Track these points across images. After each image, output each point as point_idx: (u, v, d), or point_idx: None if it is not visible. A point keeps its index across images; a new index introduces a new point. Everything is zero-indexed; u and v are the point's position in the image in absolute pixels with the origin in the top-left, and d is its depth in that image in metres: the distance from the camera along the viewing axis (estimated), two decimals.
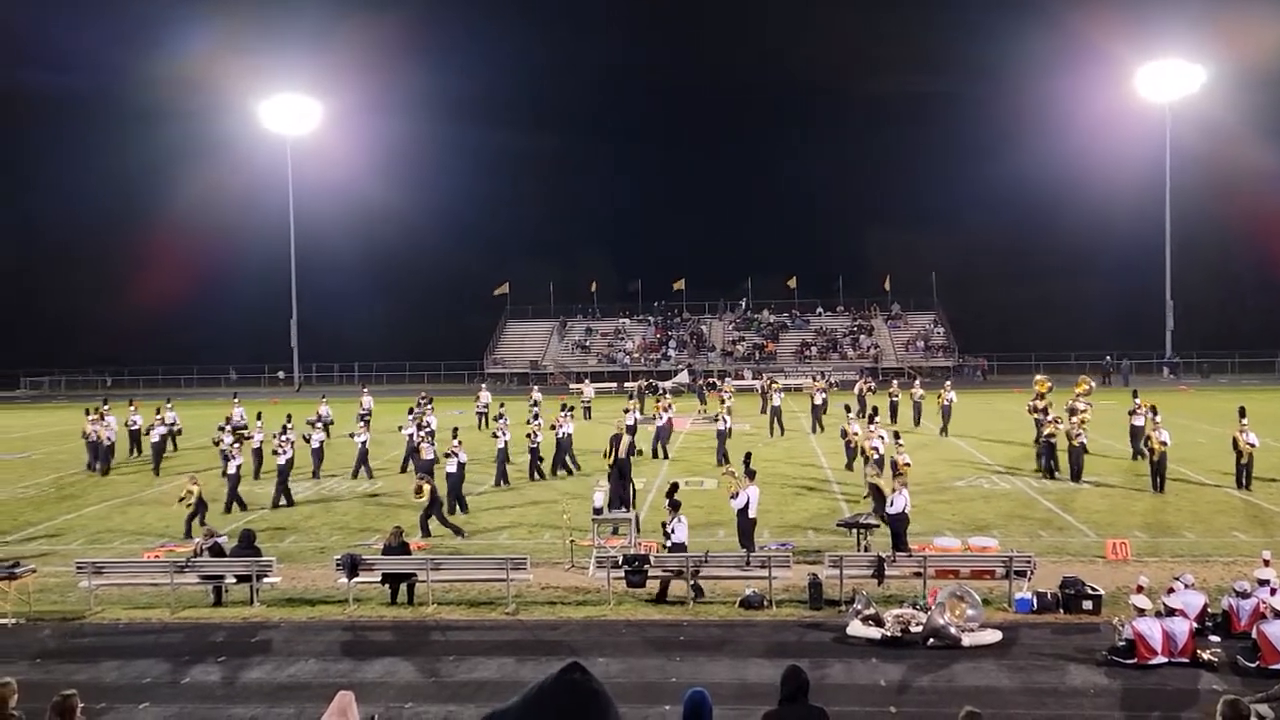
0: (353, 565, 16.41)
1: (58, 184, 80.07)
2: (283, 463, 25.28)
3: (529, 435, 28.57)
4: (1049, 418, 28.40)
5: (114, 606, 16.87)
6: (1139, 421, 29.08)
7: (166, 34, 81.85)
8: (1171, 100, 65.54)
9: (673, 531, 17.22)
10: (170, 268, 73.60)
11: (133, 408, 35.49)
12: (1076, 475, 26.23)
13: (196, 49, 74.76)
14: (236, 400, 39.73)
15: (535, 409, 32.20)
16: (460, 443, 24.62)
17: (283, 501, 25.13)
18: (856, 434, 28.44)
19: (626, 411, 32.68)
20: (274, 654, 14.48)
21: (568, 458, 29.53)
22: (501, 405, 34.65)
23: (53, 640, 15.32)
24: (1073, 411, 29.73)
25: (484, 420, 40.50)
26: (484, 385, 49.90)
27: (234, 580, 16.88)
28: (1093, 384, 33.90)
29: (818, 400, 38.10)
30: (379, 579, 16.84)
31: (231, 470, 25.01)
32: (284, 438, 26.21)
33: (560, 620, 15.73)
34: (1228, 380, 62.35)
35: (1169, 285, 66.73)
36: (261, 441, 29.09)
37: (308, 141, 72.96)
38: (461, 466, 24.38)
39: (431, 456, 26.20)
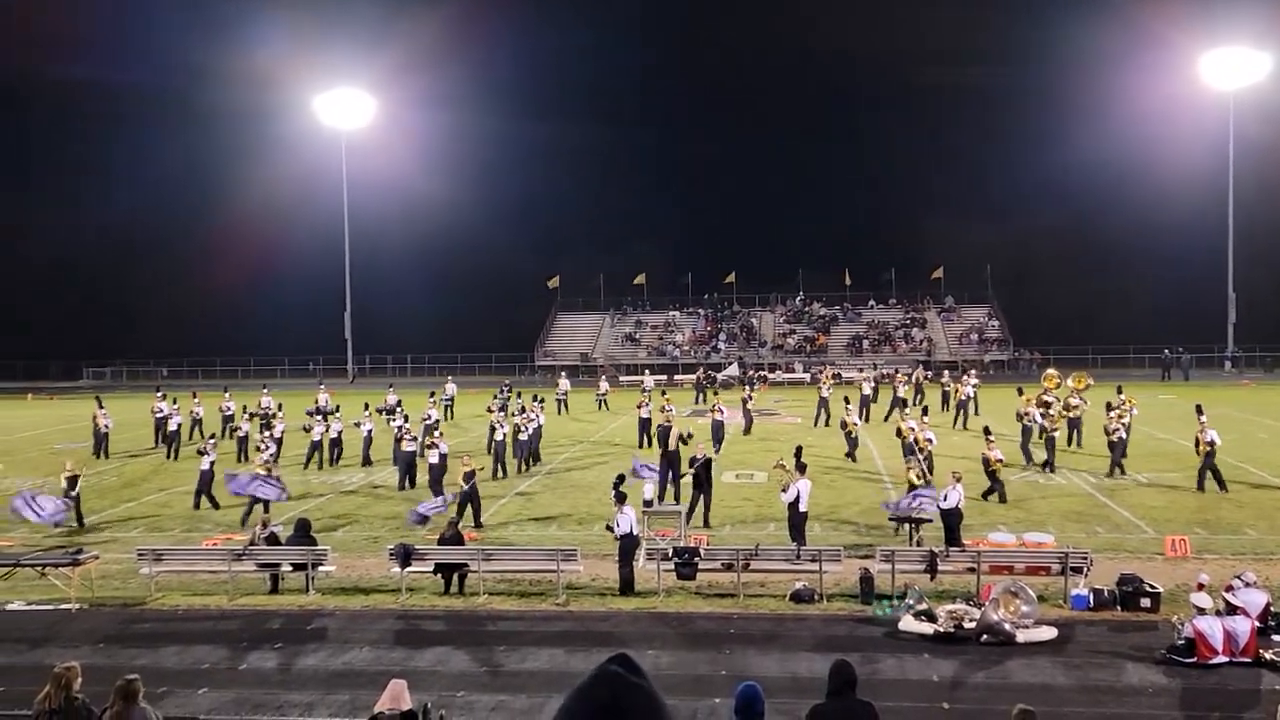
0: (406, 555, 16.57)
1: (119, 179, 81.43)
2: (266, 457, 25.44)
3: (518, 427, 28.87)
4: (1058, 412, 28.44)
5: (173, 593, 17.19)
6: (1125, 419, 28.28)
7: (223, 31, 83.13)
8: (1235, 88, 64.12)
9: (616, 525, 17.10)
10: (227, 261, 74.65)
11: (227, 394, 37.21)
12: (1117, 467, 26.08)
13: (254, 46, 75.66)
14: (323, 388, 40.93)
15: (520, 401, 32.66)
16: (441, 434, 25.03)
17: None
18: (857, 424, 29.11)
19: (640, 406, 33.08)
20: (329, 641, 14.67)
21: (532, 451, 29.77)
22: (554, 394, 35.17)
23: (114, 625, 15.64)
24: (1067, 406, 29.37)
25: (562, 406, 43.12)
26: (563, 373, 50.99)
27: (290, 568, 17.13)
28: (1090, 380, 33.38)
29: (900, 391, 37.96)
30: (431, 569, 16.99)
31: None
32: (268, 433, 26.60)
33: (610, 611, 15.78)
34: None
35: (1231, 277, 65.34)
36: (340, 431, 30.25)
37: (362, 136, 73.68)
38: (443, 458, 24.68)
39: (413, 449, 26.40)
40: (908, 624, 14.39)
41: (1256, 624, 13.20)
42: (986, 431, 24.50)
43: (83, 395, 64.79)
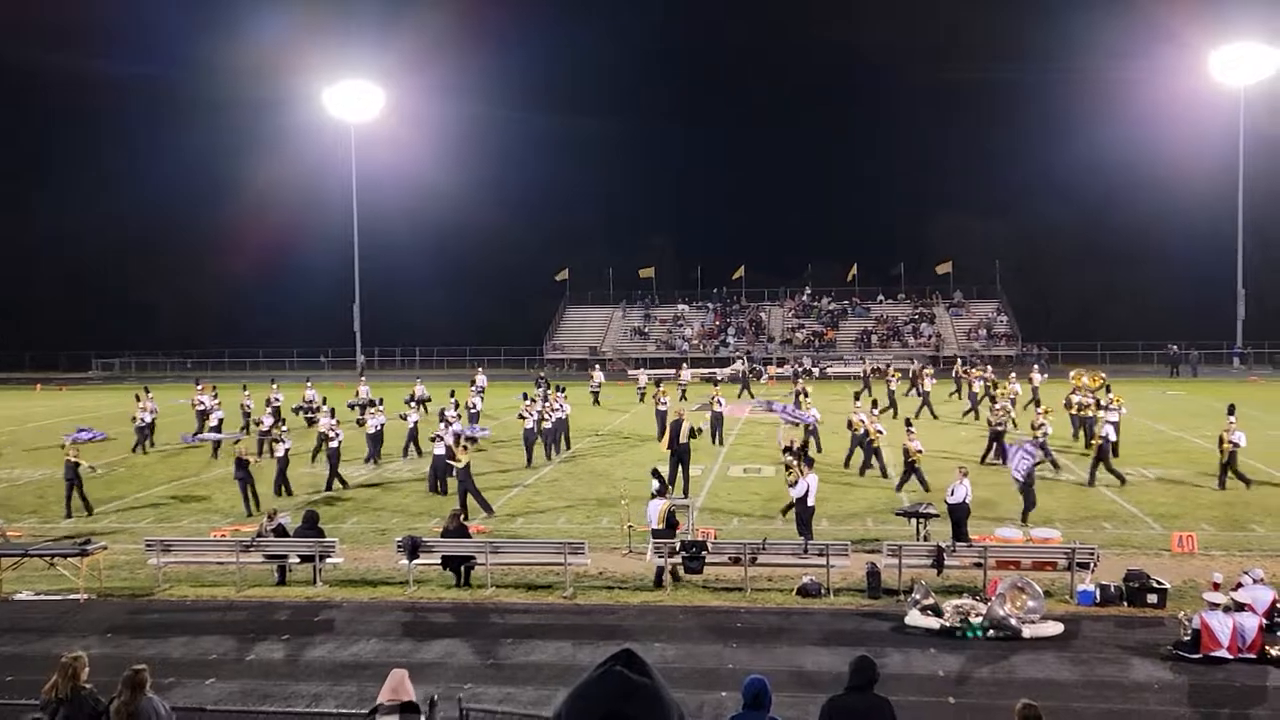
0: (413, 547, 16.60)
1: (128, 170, 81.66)
2: (335, 446, 25.64)
3: (543, 417, 29.37)
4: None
5: (181, 584, 17.24)
6: (1114, 417, 27.51)
7: (233, 22, 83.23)
8: (1246, 84, 63.85)
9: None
10: (237, 253, 74.83)
11: (275, 385, 37.33)
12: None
13: (263, 38, 75.79)
14: (363, 379, 41.12)
15: (542, 391, 33.05)
16: (448, 426, 25.26)
17: (337, 484, 25.48)
18: (817, 417, 29.19)
19: (656, 401, 33.33)
20: (336, 633, 14.72)
21: (563, 437, 30.70)
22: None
23: (122, 616, 15.70)
24: (1080, 406, 29.32)
25: (596, 398, 43.65)
26: (598, 366, 51.14)
27: (298, 560, 17.16)
28: (1104, 377, 33.25)
29: (977, 388, 37.56)
30: (439, 561, 17.01)
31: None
32: (333, 420, 26.76)
33: (617, 605, 15.80)
34: None
35: (1240, 273, 65.12)
36: (383, 425, 29.68)
37: (371, 128, 73.68)
38: (449, 450, 24.77)
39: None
40: (914, 619, 14.39)
41: (1263, 621, 13.18)
42: (908, 423, 24.69)
43: (92, 386, 65.05)
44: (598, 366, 51.00)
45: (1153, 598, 15.04)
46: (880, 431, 25.51)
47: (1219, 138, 65.77)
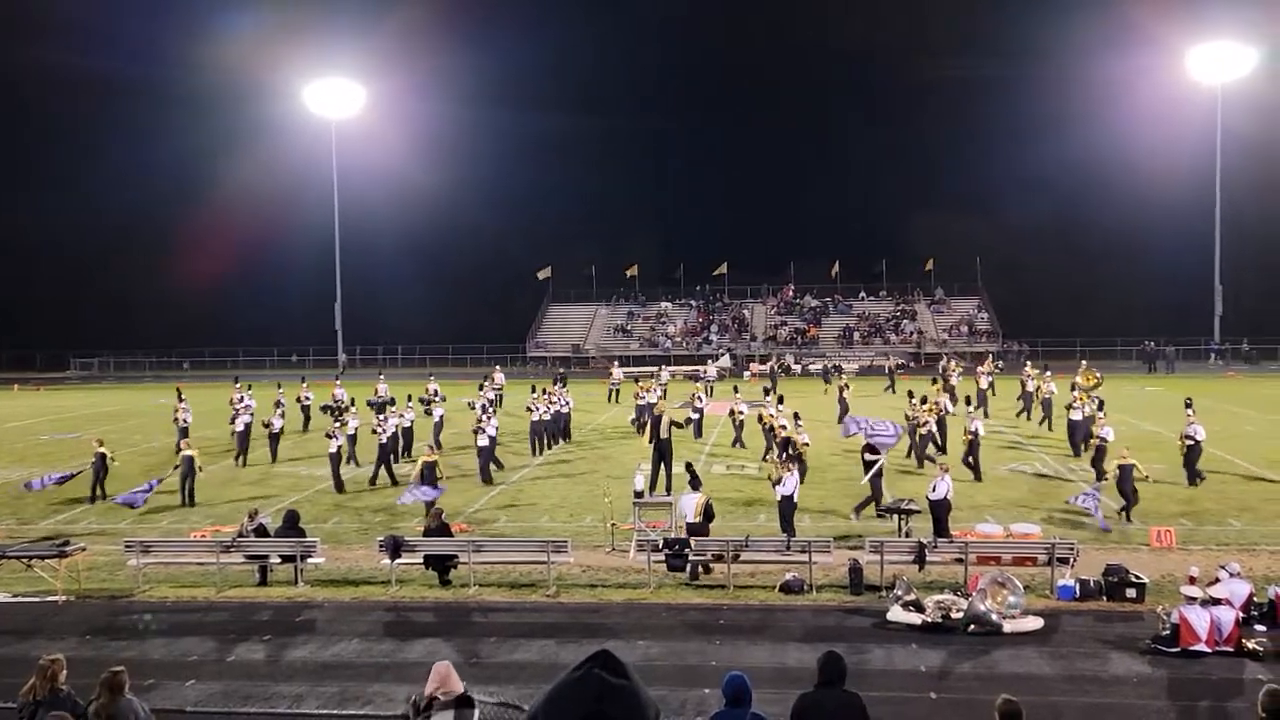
0: (395, 547, 16.55)
1: (106, 168, 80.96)
2: (385, 440, 25.85)
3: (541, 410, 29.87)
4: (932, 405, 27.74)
5: (161, 585, 17.14)
6: (1077, 416, 27.71)
7: (213, 19, 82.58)
8: (1223, 82, 64.34)
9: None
10: (217, 251, 74.36)
11: (304, 384, 37.38)
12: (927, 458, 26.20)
13: (242, 34, 75.33)
14: (382, 377, 41.18)
15: (559, 384, 33.58)
16: (489, 417, 25.55)
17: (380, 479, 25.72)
18: (743, 413, 29.49)
19: (637, 396, 33.43)
20: (318, 633, 14.66)
21: (562, 430, 31.88)
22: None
23: (102, 617, 15.60)
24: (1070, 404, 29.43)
25: (615, 395, 43.97)
26: (616, 362, 51.42)
27: (278, 560, 17.09)
28: (1099, 376, 33.34)
29: (1029, 386, 35.95)
30: (421, 561, 16.95)
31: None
32: (382, 417, 26.85)
33: (601, 603, 15.80)
34: (1277, 367, 61.25)
35: (1218, 270, 65.61)
36: (399, 424, 29.32)
37: (352, 125, 73.43)
38: (492, 439, 25.67)
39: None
40: (896, 614, 14.44)
41: (1239, 614, 13.30)
42: (796, 417, 25.03)
43: (70, 386, 64.58)
44: (616, 364, 51.10)
45: (1131, 592, 15.15)
46: (784, 426, 25.45)
47: (1196, 136, 66.32)
